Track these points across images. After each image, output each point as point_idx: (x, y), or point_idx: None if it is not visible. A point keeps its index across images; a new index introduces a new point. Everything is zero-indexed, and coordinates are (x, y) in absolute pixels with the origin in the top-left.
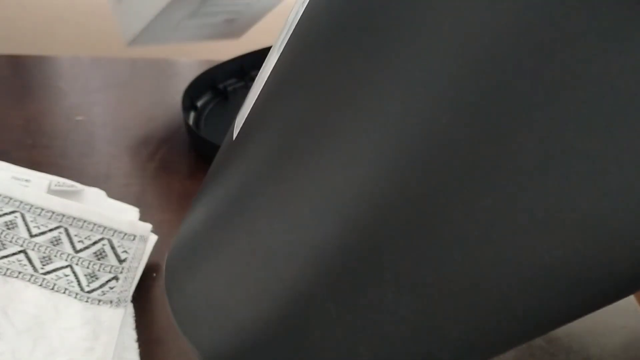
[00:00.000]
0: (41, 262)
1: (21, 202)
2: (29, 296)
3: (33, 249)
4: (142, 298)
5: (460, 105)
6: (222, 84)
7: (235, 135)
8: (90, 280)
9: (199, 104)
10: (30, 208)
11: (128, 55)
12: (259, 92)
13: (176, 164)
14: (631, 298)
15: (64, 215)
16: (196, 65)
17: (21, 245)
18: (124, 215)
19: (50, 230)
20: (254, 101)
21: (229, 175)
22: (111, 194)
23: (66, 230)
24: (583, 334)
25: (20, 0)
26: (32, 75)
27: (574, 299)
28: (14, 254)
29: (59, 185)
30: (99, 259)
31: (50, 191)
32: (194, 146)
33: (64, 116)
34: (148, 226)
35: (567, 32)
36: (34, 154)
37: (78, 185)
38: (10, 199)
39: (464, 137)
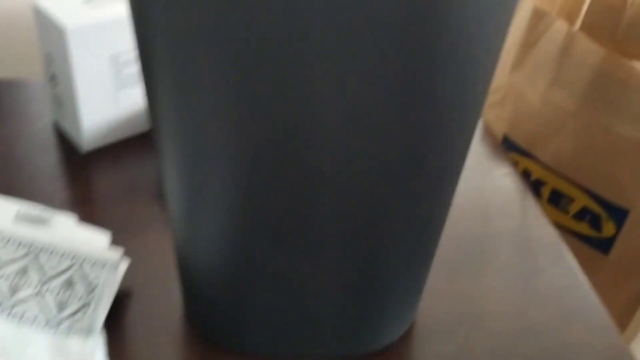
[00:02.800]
0: (9, 291)
1: None
2: None
3: (0, 279)
4: (114, 325)
5: None
6: None
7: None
8: (59, 309)
9: None
10: None
11: None
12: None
13: (146, 186)
14: (605, 315)
15: (32, 244)
16: None
17: None
18: (95, 241)
19: (19, 258)
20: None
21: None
22: (82, 219)
23: (35, 257)
24: (559, 352)
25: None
26: (1, 100)
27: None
28: None
29: (28, 213)
30: (69, 287)
31: (19, 218)
32: None
33: (35, 140)
34: (118, 252)
35: None
36: (4, 178)
37: (47, 211)
38: None
39: None
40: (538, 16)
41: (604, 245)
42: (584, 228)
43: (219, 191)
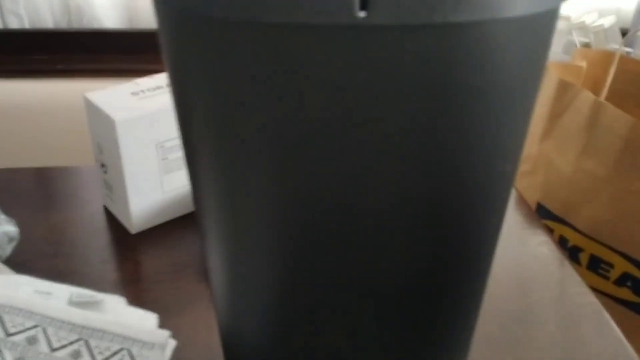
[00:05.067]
0: None
1: (43, 316)
2: None
3: None
4: None
5: None
6: None
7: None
8: None
9: None
10: (51, 321)
11: None
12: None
13: (192, 266)
14: (619, 334)
15: (84, 327)
16: None
17: None
18: (144, 323)
19: (71, 343)
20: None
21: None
22: (131, 299)
23: (86, 342)
24: None
25: (43, 114)
26: (56, 187)
27: None
28: None
29: (80, 297)
30: None
31: (71, 303)
32: None
33: (87, 224)
34: (166, 333)
35: None
36: (58, 262)
37: (98, 295)
38: (32, 313)
39: None
40: (564, 88)
41: None
42: (626, 294)
43: (262, 273)
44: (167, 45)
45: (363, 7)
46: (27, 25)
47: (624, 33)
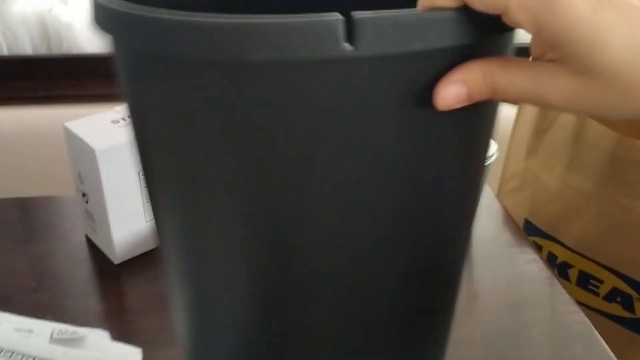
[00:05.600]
0: None
1: (24, 355)
2: None
3: None
4: None
5: None
6: None
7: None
8: None
9: None
10: None
11: None
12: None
13: None
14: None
15: None
16: None
17: None
18: (127, 358)
19: None
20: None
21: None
22: (115, 332)
23: None
24: None
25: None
26: (37, 217)
27: None
28: None
29: (62, 334)
30: None
31: (53, 340)
32: None
33: (69, 255)
34: None
35: None
36: (39, 297)
37: (80, 331)
38: (13, 352)
39: None
40: None
41: (639, 326)
42: (616, 309)
43: (227, 314)
44: (130, 87)
45: (349, 39)
46: (5, 51)
47: None
